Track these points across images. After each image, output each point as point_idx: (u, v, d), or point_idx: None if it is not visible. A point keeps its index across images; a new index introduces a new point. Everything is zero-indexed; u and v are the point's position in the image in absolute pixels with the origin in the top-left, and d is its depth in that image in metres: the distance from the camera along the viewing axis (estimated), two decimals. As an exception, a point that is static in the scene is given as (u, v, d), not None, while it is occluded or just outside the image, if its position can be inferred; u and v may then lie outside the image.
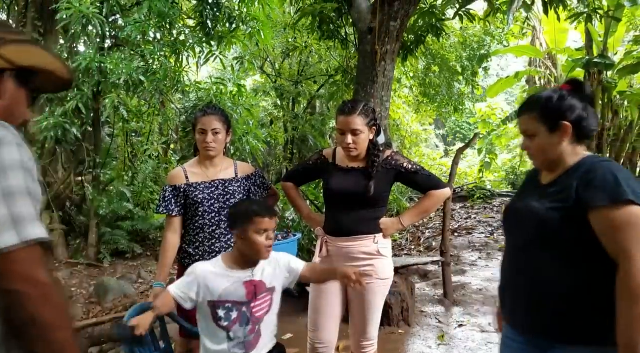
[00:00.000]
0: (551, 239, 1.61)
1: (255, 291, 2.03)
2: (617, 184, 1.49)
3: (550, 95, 1.68)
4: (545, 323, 1.64)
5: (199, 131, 2.59)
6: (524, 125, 1.73)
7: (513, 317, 1.80)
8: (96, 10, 5.28)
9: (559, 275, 1.60)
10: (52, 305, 1.03)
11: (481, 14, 6.07)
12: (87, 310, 5.26)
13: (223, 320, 1.99)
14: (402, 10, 4.06)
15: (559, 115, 1.64)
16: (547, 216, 1.60)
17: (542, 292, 1.64)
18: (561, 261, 1.60)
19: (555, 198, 1.62)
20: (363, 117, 2.43)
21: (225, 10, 6.08)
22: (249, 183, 2.73)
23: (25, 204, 1.02)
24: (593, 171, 1.56)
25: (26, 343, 1.03)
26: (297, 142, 9.04)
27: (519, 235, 1.76)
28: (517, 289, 1.74)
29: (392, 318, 4.15)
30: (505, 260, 1.85)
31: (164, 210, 2.57)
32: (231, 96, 6.32)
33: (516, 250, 1.77)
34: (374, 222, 2.52)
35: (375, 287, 2.53)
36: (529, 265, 1.68)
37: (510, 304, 1.80)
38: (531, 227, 1.67)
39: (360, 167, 2.53)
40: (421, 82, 9.51)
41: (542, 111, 1.66)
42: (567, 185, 1.61)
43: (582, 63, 7.72)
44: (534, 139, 1.69)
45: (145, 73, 5.57)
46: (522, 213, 1.74)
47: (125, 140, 8.07)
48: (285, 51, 8.62)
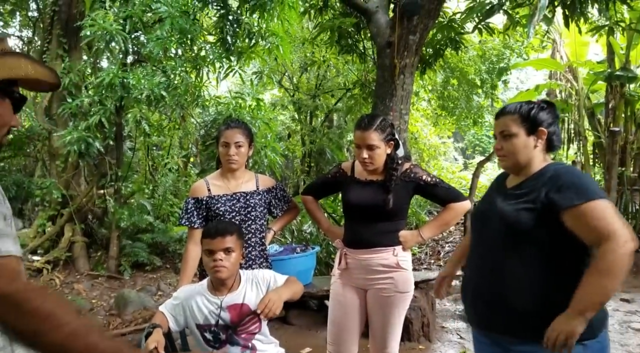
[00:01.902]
0: (518, 238, 1.74)
1: (240, 314, 2.05)
2: (584, 185, 1.70)
3: (532, 104, 1.83)
4: (508, 322, 1.75)
5: (222, 144, 2.63)
6: (502, 126, 1.85)
7: (476, 316, 1.91)
8: (119, 27, 5.40)
9: (523, 274, 1.72)
10: (26, 314, 1.02)
11: (500, 27, 6.06)
12: (107, 322, 5.30)
13: (212, 342, 2.02)
14: (422, 24, 4.07)
15: (539, 121, 1.81)
16: (515, 216, 1.74)
17: (506, 291, 1.74)
18: (526, 260, 1.73)
19: (523, 200, 1.76)
20: (379, 132, 2.44)
21: (244, 26, 6.17)
22: (270, 196, 2.74)
23: None
24: (560, 176, 1.74)
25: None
26: (315, 155, 9.06)
27: (487, 236, 1.86)
28: (481, 288, 1.85)
29: (413, 333, 4.10)
30: (470, 260, 1.97)
31: (186, 222, 2.59)
32: (250, 110, 6.38)
33: (482, 251, 1.88)
34: (393, 234, 2.52)
35: (395, 301, 2.52)
36: (494, 265, 1.80)
37: (474, 303, 1.90)
38: (499, 227, 1.78)
39: (379, 180, 2.53)
40: (439, 95, 9.49)
41: (523, 115, 1.81)
42: (534, 188, 1.76)
43: (603, 76, 7.63)
44: (509, 139, 1.82)
45: (167, 88, 5.66)
46: (490, 214, 1.86)
47: (147, 153, 8.17)
48: (304, 65, 8.70)
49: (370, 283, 2.54)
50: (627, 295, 5.38)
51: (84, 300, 5.76)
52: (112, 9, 5.75)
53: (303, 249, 4.14)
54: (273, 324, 4.34)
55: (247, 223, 2.61)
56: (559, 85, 8.83)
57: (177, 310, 2.07)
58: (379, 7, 4.32)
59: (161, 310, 2.08)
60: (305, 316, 4.41)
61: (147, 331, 2.07)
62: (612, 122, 7.80)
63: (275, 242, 5.93)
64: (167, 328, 2.08)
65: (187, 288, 2.13)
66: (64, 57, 6.46)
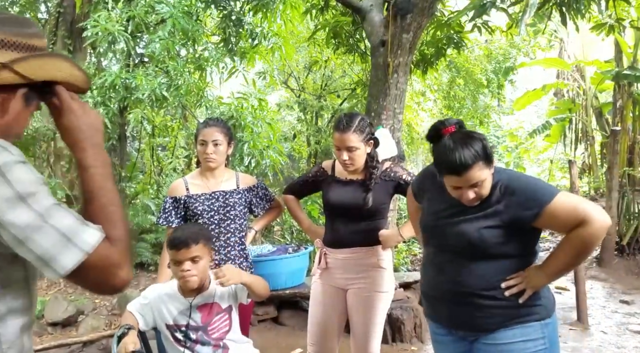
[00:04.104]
0: (480, 253, 1.76)
1: (210, 314, 2.04)
2: (537, 188, 1.73)
3: (480, 142, 1.71)
4: (470, 319, 1.80)
5: (199, 142, 2.63)
6: (475, 178, 1.69)
7: (438, 315, 1.94)
8: (122, 28, 5.45)
9: (481, 275, 1.76)
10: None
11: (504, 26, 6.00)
12: (109, 322, 5.35)
13: (182, 342, 2.02)
14: (415, 23, 4.05)
15: (491, 154, 1.75)
16: (479, 236, 1.74)
17: (465, 290, 1.77)
18: (484, 264, 1.76)
19: (482, 217, 1.75)
20: (358, 134, 2.43)
21: (247, 26, 6.20)
22: (251, 194, 2.74)
23: (65, 215, 0.99)
24: (513, 189, 1.73)
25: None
26: (320, 155, 9.05)
27: (447, 249, 1.84)
28: (441, 289, 1.86)
29: (405, 334, 4.07)
30: (427, 261, 1.97)
31: (163, 221, 2.60)
32: (252, 110, 6.40)
33: (440, 256, 1.88)
34: (372, 233, 2.50)
35: (375, 300, 2.50)
36: (453, 269, 1.81)
37: (435, 303, 1.92)
38: (461, 245, 1.78)
39: (359, 179, 2.52)
40: (445, 95, 9.43)
41: (485, 157, 1.70)
42: (491, 203, 1.75)
43: (611, 75, 7.53)
44: (482, 184, 1.72)
45: (169, 88, 5.70)
46: (448, 233, 1.82)
47: (151, 154, 8.24)
48: (308, 65, 8.71)
49: (350, 282, 2.53)
50: (627, 296, 5.30)
51: (87, 299, 5.82)
52: (115, 10, 5.82)
53: (295, 249, 4.14)
54: (265, 325, 4.35)
55: (226, 222, 2.61)
56: (566, 84, 8.73)
57: (145, 309, 2.07)
58: (373, 5, 4.30)
59: (129, 309, 2.08)
60: (297, 316, 4.40)
61: (120, 332, 2.08)
62: (620, 122, 7.69)
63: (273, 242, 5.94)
64: (137, 328, 2.09)
65: (156, 288, 2.13)
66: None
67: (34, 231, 0.95)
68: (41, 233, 0.95)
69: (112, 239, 1.02)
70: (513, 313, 1.76)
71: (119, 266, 1.02)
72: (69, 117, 1.10)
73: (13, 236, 0.95)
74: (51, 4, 7.45)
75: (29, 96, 1.10)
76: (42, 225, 0.96)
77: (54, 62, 1.10)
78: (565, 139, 10.11)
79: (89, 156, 1.09)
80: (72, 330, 5.05)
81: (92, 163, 1.08)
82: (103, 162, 1.10)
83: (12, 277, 1.03)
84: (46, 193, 0.99)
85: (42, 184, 1.00)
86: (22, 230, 0.95)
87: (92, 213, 1.04)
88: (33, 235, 0.95)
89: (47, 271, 0.97)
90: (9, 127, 1.09)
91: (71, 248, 0.96)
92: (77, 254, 0.97)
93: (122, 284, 1.04)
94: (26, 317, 1.08)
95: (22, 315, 1.06)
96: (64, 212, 0.99)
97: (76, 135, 1.10)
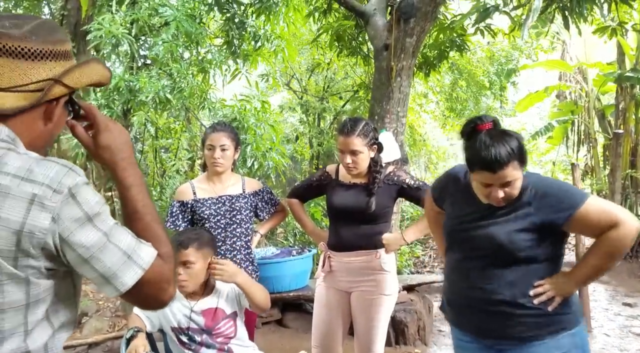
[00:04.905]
0: (509, 256, 1.72)
1: (214, 319, 2.05)
2: (571, 190, 1.76)
3: (517, 142, 1.68)
4: (499, 328, 1.76)
5: (207, 147, 2.66)
6: (509, 177, 1.66)
7: (466, 323, 1.88)
8: (125, 30, 5.47)
9: (510, 282, 1.73)
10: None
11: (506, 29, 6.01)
12: (112, 324, 5.37)
13: (187, 345, 2.04)
14: (418, 27, 4.06)
15: (526, 155, 1.73)
16: (509, 240, 1.71)
17: (494, 298, 1.74)
18: (513, 270, 1.73)
19: (512, 220, 1.72)
20: (362, 138, 2.45)
21: (250, 29, 6.22)
22: (257, 199, 2.77)
23: (124, 234, 1.03)
24: (544, 191, 1.72)
25: None
26: (323, 157, 9.07)
27: (475, 254, 1.80)
28: (468, 296, 1.82)
29: (408, 337, 4.09)
30: (456, 270, 1.91)
31: (171, 225, 2.62)
32: (255, 112, 6.42)
33: (466, 262, 1.84)
34: (376, 237, 2.52)
35: (379, 303, 2.52)
36: (480, 275, 1.78)
37: (460, 310, 1.88)
38: (490, 249, 1.75)
39: (362, 183, 2.54)
40: (448, 96, 9.44)
41: (520, 157, 1.68)
42: (521, 205, 1.73)
43: (613, 77, 7.53)
44: (514, 183, 1.69)
45: (172, 91, 5.72)
46: (477, 236, 1.78)
47: (154, 156, 8.25)
48: (310, 68, 8.73)
49: (354, 285, 2.55)
50: (630, 299, 5.30)
51: (91, 301, 5.84)
52: (119, 13, 5.84)
53: (299, 252, 4.16)
54: (269, 327, 4.36)
55: (233, 226, 2.63)
56: (569, 86, 8.73)
57: (151, 312, 2.09)
58: (377, 9, 4.31)
59: (136, 312, 2.10)
60: (301, 319, 4.42)
61: (129, 334, 2.10)
62: (622, 124, 7.70)
63: (277, 245, 5.95)
64: (146, 329, 2.11)
65: None
66: (73, 61, 6.57)
67: (99, 250, 0.98)
68: (105, 252, 0.99)
69: (162, 256, 1.06)
70: (543, 322, 1.72)
71: (169, 282, 1.06)
72: (107, 135, 1.12)
73: (78, 255, 0.98)
74: (55, 6, 7.48)
75: (68, 102, 1.13)
76: (107, 244, 0.99)
77: (91, 68, 1.12)
78: (568, 141, 10.10)
79: (131, 175, 1.11)
80: (76, 331, 5.07)
81: (133, 181, 1.10)
82: (142, 179, 1.13)
83: (65, 293, 1.06)
84: (108, 213, 1.03)
85: (104, 204, 1.03)
86: (88, 249, 0.97)
87: (140, 231, 1.06)
88: (98, 254, 0.98)
89: (108, 288, 1.01)
90: (53, 134, 1.12)
91: (131, 266, 1.00)
92: (137, 271, 1.00)
93: (169, 299, 1.07)
94: (71, 330, 1.11)
95: (69, 329, 1.09)
96: (123, 230, 1.03)
97: (116, 155, 1.11)
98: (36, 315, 1.00)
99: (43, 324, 1.02)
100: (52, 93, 1.03)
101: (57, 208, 0.95)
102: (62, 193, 0.96)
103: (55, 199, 0.95)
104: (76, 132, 1.13)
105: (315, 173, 2.84)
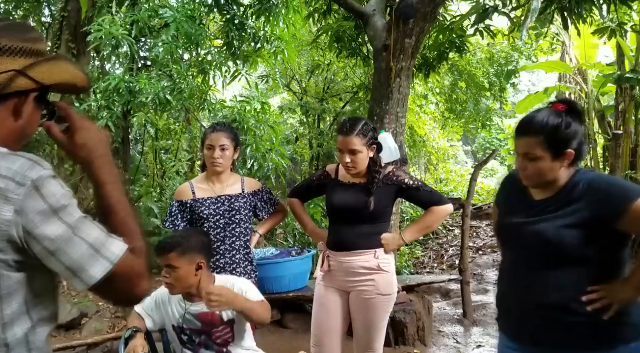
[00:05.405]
0: (560, 256, 1.64)
1: (212, 322, 2.05)
2: (625, 186, 1.68)
3: (557, 121, 1.65)
4: (550, 335, 1.67)
5: (207, 147, 2.66)
6: (526, 147, 1.67)
7: (513, 329, 1.81)
8: (126, 32, 5.48)
9: (561, 285, 1.64)
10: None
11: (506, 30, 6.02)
12: (112, 325, 5.37)
13: (187, 344, 2.04)
14: (418, 28, 4.07)
15: (566, 144, 1.65)
16: (557, 235, 1.63)
17: (544, 302, 1.66)
18: (564, 271, 1.64)
19: (561, 217, 1.65)
20: (361, 137, 2.46)
21: (250, 30, 6.24)
22: (256, 199, 2.77)
23: (92, 228, 1.03)
24: (598, 187, 1.64)
25: None
26: (323, 159, 9.07)
27: (524, 253, 1.75)
28: (517, 301, 1.75)
29: (408, 337, 4.09)
30: (506, 274, 1.85)
31: (170, 225, 2.63)
32: (255, 114, 6.43)
33: (519, 268, 1.77)
34: (375, 237, 2.53)
35: (377, 303, 2.52)
36: (530, 278, 1.70)
37: (510, 316, 1.81)
38: (539, 247, 1.68)
39: (361, 183, 2.55)
40: (447, 98, 9.45)
41: (549, 138, 1.63)
42: (569, 202, 1.65)
43: (613, 78, 7.52)
44: (534, 161, 1.66)
45: (172, 92, 5.73)
46: (525, 234, 1.73)
47: (155, 157, 8.27)
48: (310, 69, 8.74)
49: (353, 285, 2.55)
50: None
51: (91, 302, 5.83)
52: (119, 14, 5.85)
53: (299, 252, 4.16)
54: (269, 328, 4.36)
55: (232, 226, 2.64)
56: (569, 88, 8.73)
57: (154, 309, 2.10)
58: (376, 10, 4.32)
59: (137, 311, 2.11)
60: (301, 319, 4.41)
61: (128, 335, 2.10)
62: (622, 125, 7.70)
63: (276, 245, 5.96)
64: (145, 329, 2.11)
65: (165, 290, 2.15)
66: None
67: (65, 243, 0.98)
68: (71, 245, 0.99)
69: (135, 250, 1.05)
70: (596, 332, 1.62)
71: (141, 276, 1.05)
72: (83, 134, 1.13)
73: (44, 248, 0.98)
74: (55, 8, 7.50)
75: (39, 100, 1.14)
76: (73, 237, 0.99)
77: (60, 66, 1.13)
78: (568, 142, 10.07)
79: (105, 173, 1.12)
80: (76, 332, 5.07)
81: (108, 179, 1.11)
82: (117, 177, 1.14)
83: (43, 287, 1.06)
84: (75, 206, 1.03)
85: (71, 198, 1.03)
86: (53, 242, 0.98)
87: (113, 227, 1.07)
88: (64, 247, 0.98)
89: (76, 282, 1.00)
90: (24, 131, 1.13)
91: (99, 259, 1.00)
92: (105, 265, 1.00)
93: (143, 295, 1.07)
94: (52, 325, 1.11)
95: (50, 323, 1.09)
96: (91, 224, 1.03)
97: (91, 153, 1.13)
98: (12, 307, 1.00)
99: (22, 318, 1.02)
100: (16, 84, 1.04)
101: (21, 201, 0.96)
102: (25, 186, 0.97)
103: (18, 192, 0.96)
104: (52, 133, 1.15)
105: (315, 173, 2.85)
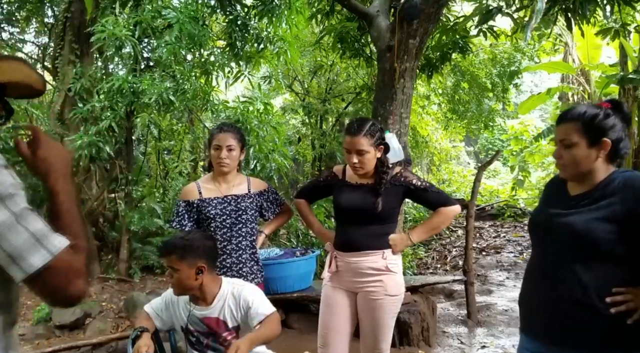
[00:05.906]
0: (589, 249, 1.62)
1: (217, 327, 2.05)
2: None
3: (596, 110, 1.67)
4: (570, 333, 1.64)
5: (214, 147, 2.67)
6: (563, 133, 1.70)
7: (534, 326, 1.78)
8: (129, 32, 5.49)
9: (588, 282, 1.61)
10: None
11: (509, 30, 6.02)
12: (116, 325, 5.37)
13: (195, 345, 2.04)
14: (421, 28, 4.07)
15: (602, 132, 1.65)
16: (587, 227, 1.61)
17: (568, 299, 1.64)
18: (593, 268, 1.62)
19: (594, 210, 1.63)
20: (368, 138, 2.46)
21: (253, 31, 6.24)
22: (262, 199, 2.78)
23: (36, 220, 1.04)
24: (632, 184, 1.61)
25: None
26: (325, 159, 9.09)
27: (552, 247, 1.74)
28: (541, 296, 1.74)
29: (412, 338, 4.09)
30: (534, 270, 1.83)
31: (177, 225, 2.63)
32: (258, 114, 6.43)
33: (547, 263, 1.75)
34: (382, 237, 2.53)
35: (385, 304, 2.52)
36: (557, 273, 1.68)
37: (532, 312, 1.79)
38: (566, 238, 1.67)
39: (369, 184, 2.55)
40: (450, 98, 9.46)
41: (586, 124, 1.65)
42: (604, 197, 1.64)
43: (616, 79, 7.52)
44: (570, 149, 1.68)
45: (175, 93, 5.74)
46: (555, 225, 1.72)
47: (157, 157, 8.28)
48: (313, 69, 8.75)
49: (360, 286, 2.55)
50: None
51: (94, 302, 5.84)
52: (122, 15, 5.86)
53: (303, 252, 4.16)
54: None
55: (238, 226, 2.64)
56: (571, 88, 8.74)
57: (163, 310, 2.10)
58: (380, 11, 4.32)
59: (146, 310, 2.10)
60: (305, 320, 4.41)
61: (134, 334, 2.10)
62: (625, 126, 7.70)
63: (280, 245, 5.96)
64: (153, 328, 2.11)
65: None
66: (76, 63, 6.59)
67: (7, 229, 1.00)
68: (13, 232, 1.00)
69: (76, 247, 1.07)
70: (618, 335, 1.58)
71: (78, 274, 1.06)
72: (45, 150, 1.19)
73: None
74: (58, 9, 7.50)
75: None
76: (16, 225, 1.01)
77: (9, 64, 1.17)
78: (570, 142, 10.07)
79: (59, 185, 1.17)
80: (80, 333, 5.08)
81: (61, 190, 1.16)
82: (70, 191, 1.19)
83: None
84: (23, 197, 1.05)
85: (20, 189, 1.05)
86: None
87: (58, 228, 1.09)
88: (5, 233, 1.00)
89: (14, 269, 1.01)
90: None
91: (40, 249, 1.01)
92: (45, 255, 1.01)
93: (77, 295, 1.06)
94: (8, 314, 1.10)
95: (4, 312, 1.09)
96: (36, 216, 1.05)
97: (50, 167, 1.18)
98: None
99: None
100: None
101: None
102: None
103: None
104: (19, 148, 1.20)
105: (322, 173, 2.85)
